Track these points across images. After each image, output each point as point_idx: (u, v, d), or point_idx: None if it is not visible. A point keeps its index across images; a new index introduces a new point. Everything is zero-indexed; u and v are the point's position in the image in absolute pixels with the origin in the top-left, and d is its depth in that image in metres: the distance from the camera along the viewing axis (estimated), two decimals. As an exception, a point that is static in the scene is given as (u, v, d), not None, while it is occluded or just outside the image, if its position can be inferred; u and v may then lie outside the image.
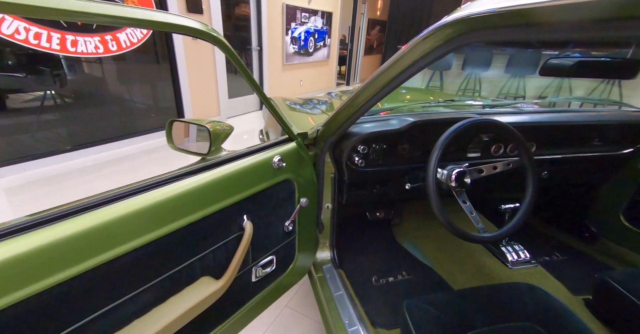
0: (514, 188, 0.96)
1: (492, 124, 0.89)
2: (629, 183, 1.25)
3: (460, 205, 0.91)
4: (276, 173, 0.81)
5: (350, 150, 0.99)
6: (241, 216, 0.71)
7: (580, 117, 1.12)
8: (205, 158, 0.71)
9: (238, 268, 0.67)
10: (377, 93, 0.78)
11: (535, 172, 0.90)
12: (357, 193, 1.14)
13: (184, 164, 0.66)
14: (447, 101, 1.28)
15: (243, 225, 0.71)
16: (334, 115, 0.93)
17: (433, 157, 0.86)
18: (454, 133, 0.87)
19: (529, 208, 0.88)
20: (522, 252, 1.12)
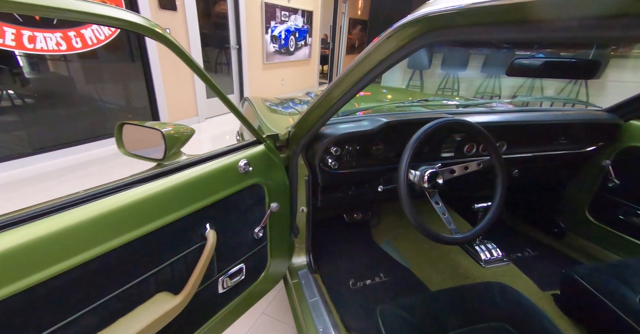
0: (487, 186, 0.97)
1: (461, 124, 0.89)
2: (593, 179, 1.29)
3: (433, 206, 0.91)
4: (243, 178, 0.77)
5: (322, 152, 0.97)
6: (203, 225, 0.67)
7: (547, 117, 1.14)
8: (162, 164, 0.66)
9: (199, 281, 0.63)
10: (346, 93, 0.76)
11: (504, 172, 0.90)
12: (332, 195, 1.12)
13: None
14: (422, 101, 1.28)
15: (205, 234, 0.67)
16: (303, 116, 0.91)
17: (404, 159, 0.85)
18: (423, 134, 0.86)
19: (498, 209, 0.88)
20: (495, 250, 1.13)
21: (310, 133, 0.94)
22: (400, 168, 0.85)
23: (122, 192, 0.55)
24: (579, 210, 1.36)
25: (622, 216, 1.21)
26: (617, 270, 0.90)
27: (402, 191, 0.83)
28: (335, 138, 0.95)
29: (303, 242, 1.15)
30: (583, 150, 1.25)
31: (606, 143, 1.23)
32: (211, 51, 4.18)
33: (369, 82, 0.71)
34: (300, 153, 0.99)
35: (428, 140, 1.07)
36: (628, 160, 1.19)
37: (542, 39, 0.38)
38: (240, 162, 0.75)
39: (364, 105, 1.58)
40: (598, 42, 3.15)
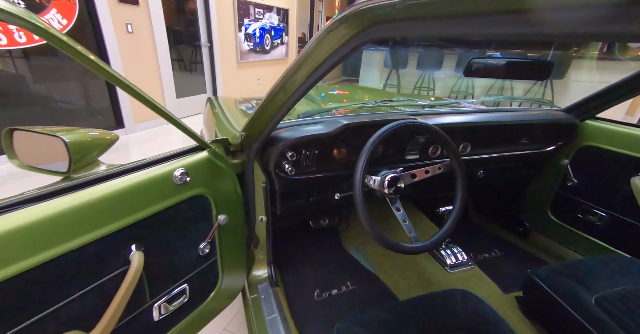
0: (451, 188, 0.95)
1: (419, 127, 0.86)
2: (553, 179, 1.31)
3: (394, 212, 0.87)
4: (180, 190, 0.69)
5: (277, 157, 0.91)
6: (127, 247, 0.59)
7: (509, 117, 1.14)
8: (70, 176, 0.57)
9: (119, 312, 0.55)
10: (292, 94, 0.70)
11: (463, 176, 0.88)
12: (293, 203, 1.06)
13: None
14: (385, 101, 1.24)
15: (129, 258, 0.58)
16: (251, 120, 0.84)
17: (359, 165, 0.80)
18: (379, 138, 0.82)
19: (458, 214, 0.86)
20: (461, 254, 1.12)
21: (262, 138, 0.88)
22: (355, 174, 0.80)
23: (17, 211, 0.46)
24: (542, 209, 1.37)
25: (581, 215, 1.23)
26: (575, 271, 0.90)
27: (357, 199, 0.79)
28: (289, 143, 0.89)
29: (264, 253, 1.09)
30: (544, 149, 1.26)
31: (565, 143, 1.25)
32: (184, 49, 4.01)
33: (315, 82, 0.66)
34: (255, 159, 0.93)
35: (390, 142, 1.03)
36: (585, 159, 1.20)
37: (493, 34, 0.34)
38: (176, 171, 0.68)
39: (331, 105, 1.53)
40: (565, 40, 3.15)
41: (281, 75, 0.70)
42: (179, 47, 3.93)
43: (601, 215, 1.16)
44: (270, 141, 0.92)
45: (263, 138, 0.87)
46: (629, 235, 1.08)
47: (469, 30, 0.35)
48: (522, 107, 1.30)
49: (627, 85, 1.04)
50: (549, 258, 1.32)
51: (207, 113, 1.52)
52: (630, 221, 1.07)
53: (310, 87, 0.68)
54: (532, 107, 1.43)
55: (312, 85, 0.67)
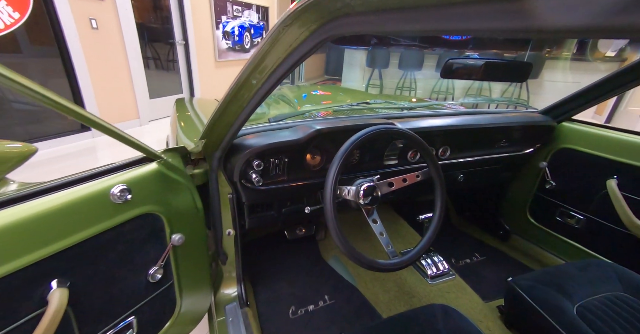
0: (431, 190, 0.91)
1: (395, 133, 0.80)
2: (532, 181, 1.30)
3: (370, 225, 0.81)
4: (120, 210, 0.60)
5: (242, 166, 0.83)
6: (45, 284, 0.49)
7: (488, 120, 1.10)
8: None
9: None
10: (252, 97, 0.62)
11: (442, 184, 0.83)
12: (263, 215, 0.98)
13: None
14: (362, 103, 1.18)
15: (47, 298, 0.49)
16: (209, 126, 0.75)
17: (330, 177, 0.73)
18: (352, 145, 0.75)
19: (437, 225, 0.80)
20: (441, 263, 1.08)
21: (223, 146, 0.79)
22: (325, 187, 0.73)
23: None
24: (521, 212, 1.36)
25: (559, 218, 1.22)
26: (556, 279, 0.87)
27: (329, 214, 0.72)
28: (255, 151, 0.81)
29: (233, 270, 1.00)
30: (522, 152, 1.24)
31: (542, 145, 1.23)
32: (159, 47, 3.83)
33: (276, 84, 0.59)
34: (218, 169, 0.84)
35: (367, 148, 0.97)
36: (562, 161, 1.19)
37: (470, 30, 0.27)
38: (113, 188, 0.58)
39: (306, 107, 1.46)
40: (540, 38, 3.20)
41: (236, 78, 0.62)
42: (154, 45, 3.75)
43: (579, 218, 1.15)
44: (234, 149, 0.83)
45: (225, 146, 0.79)
46: (606, 238, 1.07)
47: (443, 25, 0.28)
48: (500, 109, 1.27)
49: (602, 87, 1.03)
50: (529, 262, 1.30)
51: (173, 117, 1.42)
52: (607, 224, 1.06)
53: (271, 89, 0.61)
54: (510, 109, 1.42)
55: (273, 87, 0.60)
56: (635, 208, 0.97)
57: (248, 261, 1.28)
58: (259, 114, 1.31)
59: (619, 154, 1.01)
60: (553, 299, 0.81)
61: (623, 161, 1.00)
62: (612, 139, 1.04)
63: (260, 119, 1.23)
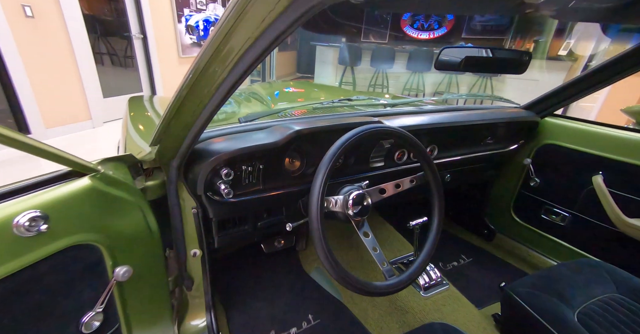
0: (423, 193, 0.84)
1: (387, 133, 0.70)
2: (516, 179, 1.27)
3: (361, 238, 0.70)
4: (32, 245, 0.44)
5: (207, 176, 0.69)
6: None
7: (475, 117, 1.05)
8: None
9: None
10: (217, 91, 0.49)
11: (440, 190, 0.74)
12: (235, 230, 0.84)
13: None
14: (343, 100, 1.07)
15: None
16: (161, 128, 0.61)
17: (316, 186, 0.61)
18: (341, 149, 0.64)
19: (436, 237, 0.72)
20: (433, 271, 1.00)
21: (182, 152, 0.64)
22: (311, 198, 0.61)
23: None
24: (505, 210, 1.33)
25: (544, 216, 1.20)
26: (553, 284, 0.82)
27: (315, 232, 0.60)
28: (223, 158, 0.67)
29: (200, 296, 0.85)
30: (507, 149, 1.20)
31: (526, 141, 1.20)
32: (116, 42, 3.47)
33: (246, 74, 0.46)
34: (178, 180, 0.69)
35: (353, 150, 0.87)
36: (546, 157, 1.17)
37: None
38: (18, 217, 0.42)
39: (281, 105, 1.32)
40: None
41: (191, 66, 0.48)
42: (108, 39, 3.39)
43: (564, 216, 1.13)
44: (196, 155, 0.69)
45: (184, 153, 0.64)
46: (592, 235, 1.06)
47: None
48: (483, 105, 1.23)
49: (585, 82, 1.01)
50: (516, 262, 1.28)
51: (125, 119, 1.22)
52: (594, 221, 1.04)
53: (239, 81, 0.48)
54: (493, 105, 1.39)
55: (241, 78, 0.47)
56: (622, 205, 0.95)
57: (219, 283, 1.12)
58: (228, 114, 1.15)
59: (604, 149, 0.99)
60: (553, 307, 0.76)
61: (608, 156, 0.98)
62: (597, 134, 1.02)
63: (229, 119, 1.08)
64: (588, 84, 1.01)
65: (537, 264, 1.23)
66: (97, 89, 3.13)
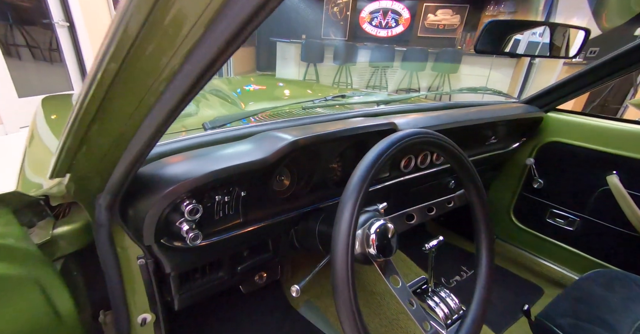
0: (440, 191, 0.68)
1: (433, 144, 0.52)
2: (517, 180, 1.18)
3: (389, 287, 0.50)
4: None
5: (163, 214, 0.44)
6: None
7: (481, 114, 0.91)
8: None
9: None
10: (165, 90, 0.26)
11: (487, 214, 0.57)
12: (204, 282, 0.59)
13: None
14: (337, 97, 0.86)
15: None
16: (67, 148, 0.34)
17: (343, 224, 0.40)
18: (378, 165, 0.44)
19: (489, 280, 0.55)
20: (450, 298, 0.85)
21: (114, 184, 0.39)
22: (336, 244, 0.40)
23: None
24: (504, 214, 1.24)
25: (549, 220, 1.12)
26: (593, 309, 0.71)
27: (342, 292, 0.39)
28: (185, 188, 0.43)
29: None
30: (509, 148, 1.10)
31: (528, 139, 1.11)
32: (36, 32, 2.87)
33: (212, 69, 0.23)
34: (112, 223, 0.43)
35: (352, 158, 0.67)
36: (550, 156, 1.08)
37: None
38: None
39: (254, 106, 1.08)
40: None
41: (106, 41, 0.24)
42: (26, 28, 2.79)
43: (573, 220, 1.05)
44: (140, 184, 0.43)
45: (117, 185, 0.39)
46: (608, 241, 0.99)
47: None
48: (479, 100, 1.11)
49: (592, 74, 0.92)
50: (520, 271, 1.19)
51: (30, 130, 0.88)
52: (609, 226, 0.97)
53: (217, 61, 0.24)
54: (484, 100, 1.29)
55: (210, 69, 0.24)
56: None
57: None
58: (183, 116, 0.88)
59: (619, 146, 0.92)
60: None
61: (624, 154, 0.91)
62: (609, 129, 0.94)
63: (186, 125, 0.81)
64: (596, 77, 0.92)
65: (544, 273, 1.15)
66: (9, 87, 2.53)
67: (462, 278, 1.16)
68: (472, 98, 1.36)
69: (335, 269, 0.39)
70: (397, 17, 5.25)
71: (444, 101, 1.12)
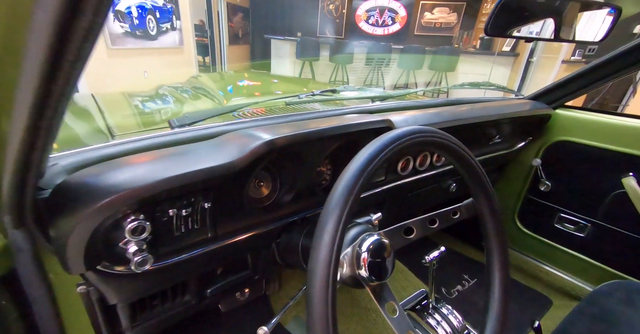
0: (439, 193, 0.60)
1: (439, 145, 0.44)
2: (521, 182, 1.10)
3: (384, 316, 0.42)
4: None
5: (101, 231, 0.35)
6: None
7: (485, 111, 0.83)
8: None
9: None
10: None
11: (499, 225, 0.49)
12: (167, 308, 0.51)
13: None
14: (326, 92, 0.78)
15: None
16: None
17: (324, 244, 0.32)
18: (371, 169, 0.36)
19: (504, 305, 0.47)
20: (453, 315, 0.77)
21: (6, 199, 0.30)
22: (314, 266, 0.32)
23: None
24: (508, 219, 1.16)
25: (558, 225, 1.04)
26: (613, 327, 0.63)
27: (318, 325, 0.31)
28: (126, 200, 0.34)
29: None
30: (514, 148, 1.02)
31: (534, 138, 1.03)
32: None
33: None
34: (33, 245, 0.35)
35: (343, 159, 0.59)
36: (558, 157, 1.01)
37: None
38: None
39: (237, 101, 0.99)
40: None
41: None
42: None
43: (583, 225, 0.97)
44: (64, 197, 0.35)
45: (10, 199, 0.30)
46: (622, 249, 0.91)
47: None
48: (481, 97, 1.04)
49: (605, 67, 0.85)
50: (527, 279, 1.11)
51: None
52: (626, 232, 0.89)
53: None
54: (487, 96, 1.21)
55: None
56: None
57: None
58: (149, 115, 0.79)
59: (636, 146, 0.84)
60: None
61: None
62: (624, 128, 0.86)
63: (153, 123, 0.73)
64: (609, 70, 0.85)
65: (553, 282, 1.07)
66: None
67: (463, 287, 1.08)
68: (473, 94, 1.29)
69: (310, 301, 0.31)
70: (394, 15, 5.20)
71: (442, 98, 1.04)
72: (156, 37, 4.49)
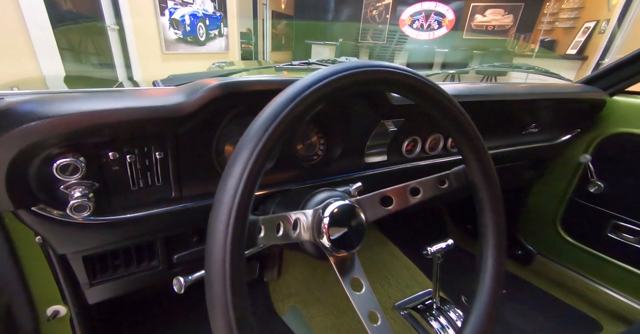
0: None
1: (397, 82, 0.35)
2: (566, 182, 0.93)
3: (348, 294, 0.36)
4: None
5: (30, 166, 0.35)
6: None
7: (520, 90, 0.71)
8: None
9: None
10: None
11: (495, 196, 0.40)
12: (129, 271, 0.50)
13: None
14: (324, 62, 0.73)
15: None
16: None
17: (229, 188, 0.27)
18: (294, 105, 0.30)
19: (497, 287, 0.38)
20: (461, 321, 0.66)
21: None
22: (215, 215, 0.28)
23: None
24: (549, 225, 0.99)
25: (611, 234, 0.86)
26: None
27: (217, 288, 0.26)
28: (53, 128, 0.33)
29: None
30: (557, 140, 0.87)
31: (583, 130, 0.87)
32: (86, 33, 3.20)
33: None
34: None
35: (333, 128, 0.53)
36: (614, 153, 0.84)
37: None
38: None
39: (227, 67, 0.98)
40: None
41: None
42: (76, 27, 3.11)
43: (646, 235, 0.79)
44: None
45: None
46: None
47: None
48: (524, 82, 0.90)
49: None
50: (567, 296, 0.93)
51: None
52: None
53: None
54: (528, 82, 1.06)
55: None
56: None
57: None
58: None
59: None
60: None
61: None
62: None
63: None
64: None
65: (604, 303, 0.88)
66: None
67: None
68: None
69: (210, 259, 0.26)
70: (441, 19, 5.01)
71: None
72: (205, 43, 4.84)
